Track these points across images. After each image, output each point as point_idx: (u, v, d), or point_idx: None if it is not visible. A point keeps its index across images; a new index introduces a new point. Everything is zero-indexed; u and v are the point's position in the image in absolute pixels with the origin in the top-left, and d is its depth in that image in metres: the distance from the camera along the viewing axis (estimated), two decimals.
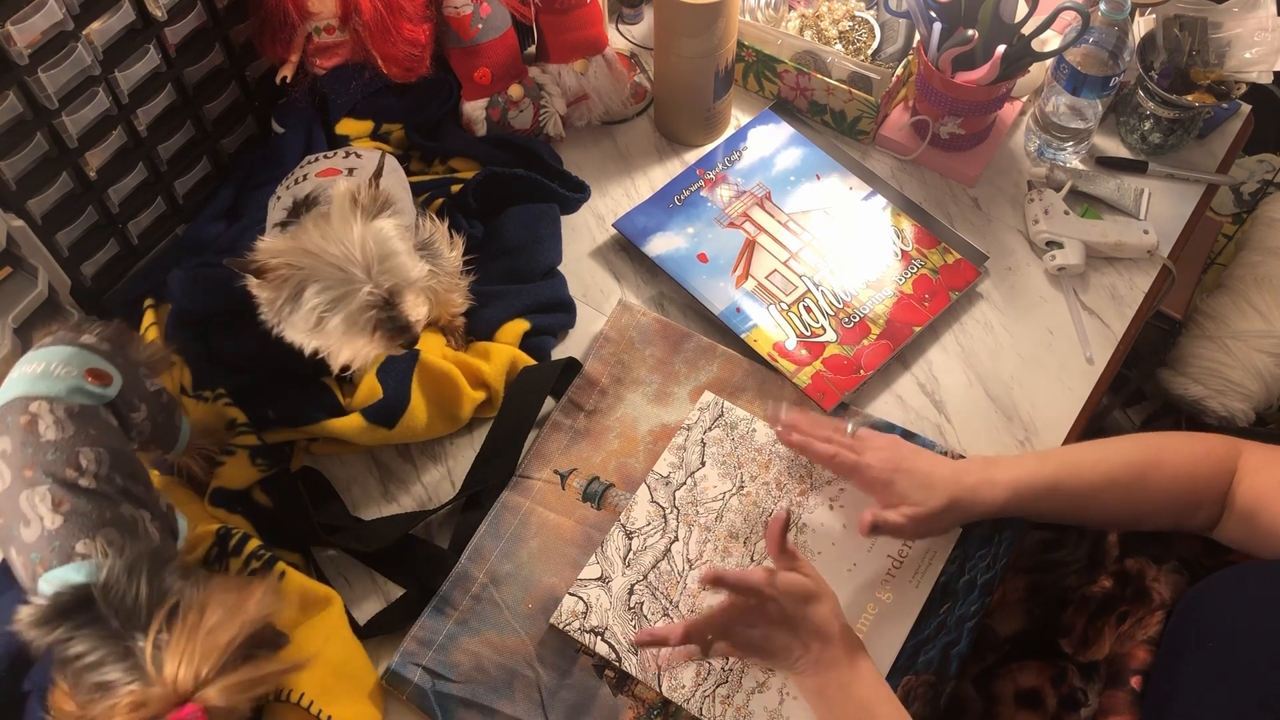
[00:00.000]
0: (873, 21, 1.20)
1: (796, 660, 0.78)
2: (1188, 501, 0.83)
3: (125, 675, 0.63)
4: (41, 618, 0.65)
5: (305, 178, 0.91)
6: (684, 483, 0.94)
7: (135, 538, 0.72)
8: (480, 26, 1.09)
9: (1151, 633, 0.80)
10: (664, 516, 0.92)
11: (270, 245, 0.80)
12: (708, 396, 0.99)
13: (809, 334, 1.03)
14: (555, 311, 1.05)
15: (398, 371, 0.94)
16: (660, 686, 0.84)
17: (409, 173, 1.06)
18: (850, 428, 0.92)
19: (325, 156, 0.94)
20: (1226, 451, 0.84)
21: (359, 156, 0.94)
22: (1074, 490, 0.85)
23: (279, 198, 0.91)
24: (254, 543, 0.87)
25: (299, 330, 0.82)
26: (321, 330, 0.81)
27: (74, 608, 0.66)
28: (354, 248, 0.79)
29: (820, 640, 0.78)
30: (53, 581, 0.68)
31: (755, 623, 0.79)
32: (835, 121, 1.19)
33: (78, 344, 0.77)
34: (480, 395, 0.97)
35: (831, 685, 0.78)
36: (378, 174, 0.85)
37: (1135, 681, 0.78)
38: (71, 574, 0.68)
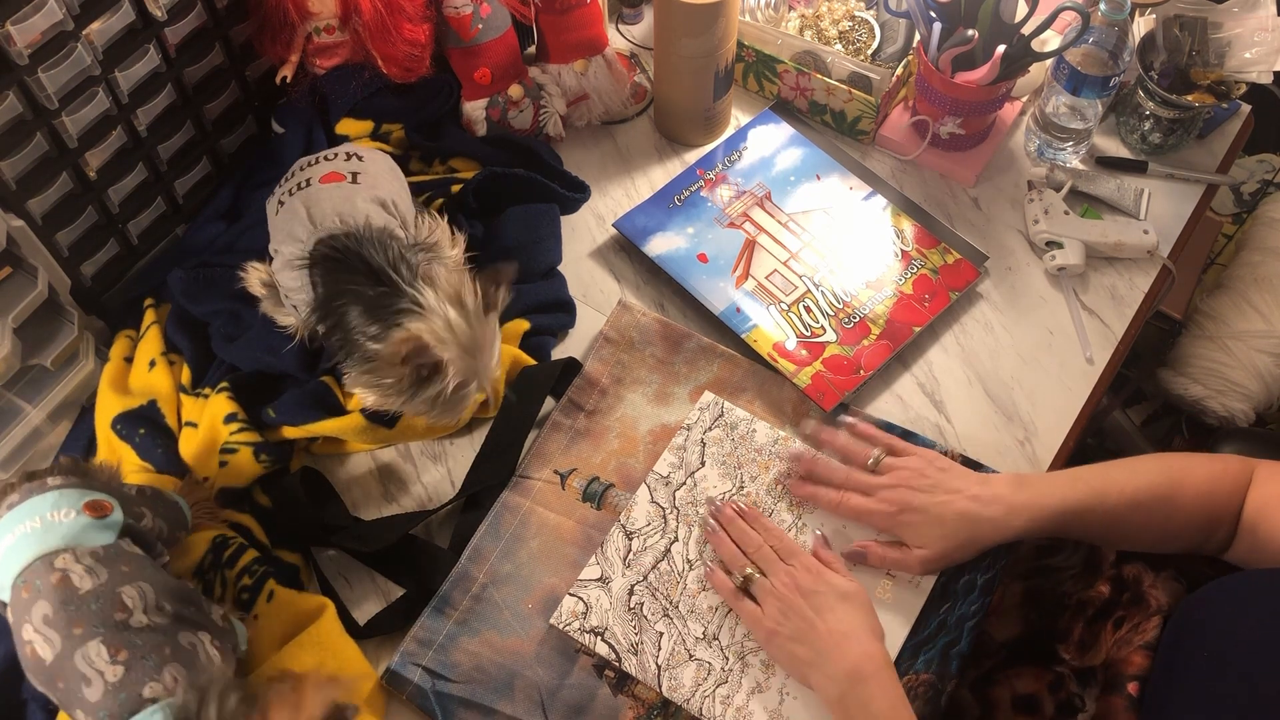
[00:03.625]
0: (873, 21, 1.20)
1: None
2: (1208, 521, 0.83)
3: None
4: None
5: (309, 182, 0.90)
6: (684, 483, 0.94)
7: (198, 668, 0.70)
8: (480, 26, 1.09)
9: (1149, 638, 0.80)
10: (664, 517, 0.92)
11: (423, 328, 0.81)
12: (708, 396, 0.99)
13: (809, 334, 1.03)
14: (555, 311, 1.05)
15: None
16: (660, 686, 0.84)
17: (409, 173, 1.06)
18: (873, 459, 0.91)
19: (326, 158, 0.93)
20: (1242, 469, 0.83)
21: (360, 159, 0.93)
22: (1101, 516, 0.84)
23: (281, 203, 0.90)
24: (249, 555, 0.87)
25: (403, 404, 0.85)
26: (411, 402, 0.84)
27: None
28: (490, 355, 0.84)
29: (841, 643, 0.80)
30: None
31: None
32: (835, 121, 1.19)
33: (50, 489, 0.74)
34: (480, 395, 0.97)
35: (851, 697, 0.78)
36: (504, 283, 0.87)
37: (1132, 687, 0.78)
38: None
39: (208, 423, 0.93)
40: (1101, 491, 0.84)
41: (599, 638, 0.86)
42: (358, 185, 0.90)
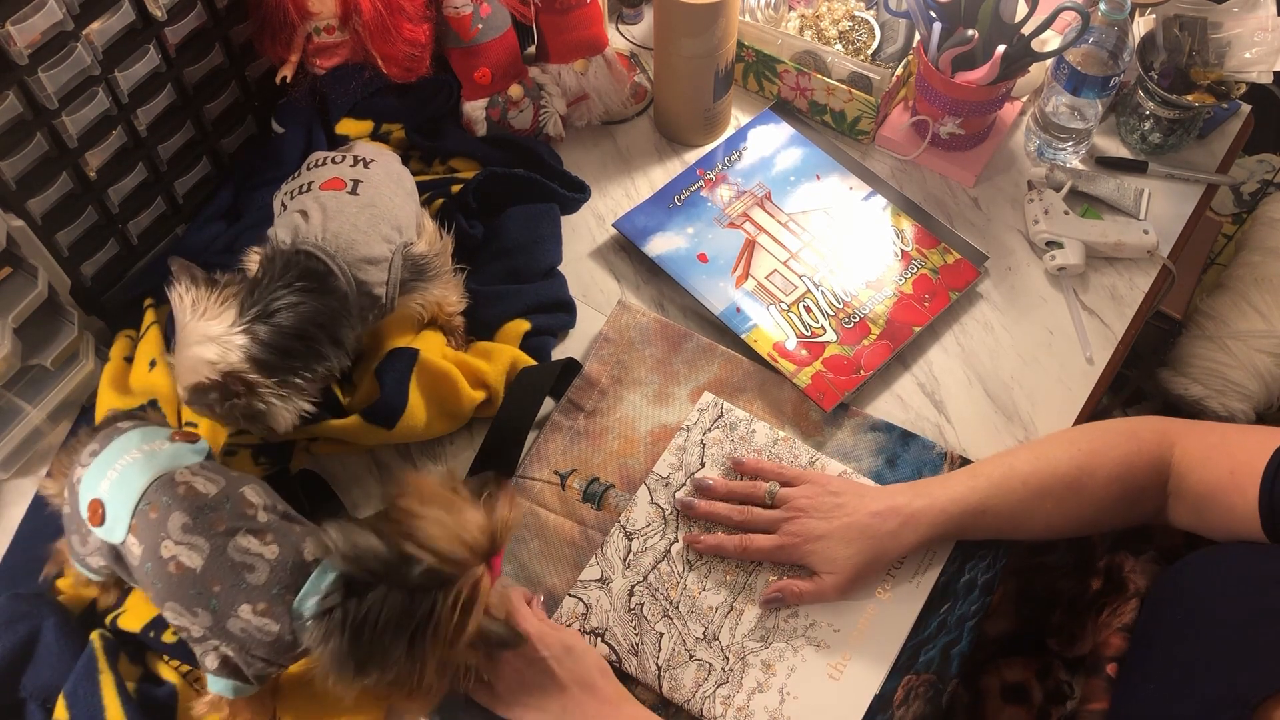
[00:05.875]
0: (873, 21, 1.20)
1: (563, 709, 0.78)
2: (1126, 502, 0.84)
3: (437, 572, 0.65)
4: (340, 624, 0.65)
5: (310, 186, 0.90)
6: (683, 484, 0.94)
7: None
8: (480, 26, 1.09)
9: (1126, 620, 0.80)
10: (664, 518, 0.92)
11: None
12: (707, 397, 0.99)
13: (809, 334, 1.03)
14: (555, 311, 1.05)
15: (396, 372, 0.94)
16: (660, 686, 0.84)
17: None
18: (768, 491, 0.90)
19: (334, 161, 0.93)
20: (1156, 440, 0.84)
21: (365, 166, 0.93)
22: (1005, 509, 0.85)
23: (284, 206, 0.90)
24: None
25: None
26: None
27: (350, 591, 0.66)
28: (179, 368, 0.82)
29: (583, 688, 0.78)
30: (310, 595, 0.68)
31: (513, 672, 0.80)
32: (835, 121, 1.19)
33: (126, 430, 0.77)
34: (480, 395, 0.97)
35: None
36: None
37: (1110, 668, 0.78)
38: (320, 577, 0.68)
39: (207, 424, 0.93)
40: (1003, 486, 0.85)
41: (599, 639, 0.86)
42: (356, 197, 0.89)
